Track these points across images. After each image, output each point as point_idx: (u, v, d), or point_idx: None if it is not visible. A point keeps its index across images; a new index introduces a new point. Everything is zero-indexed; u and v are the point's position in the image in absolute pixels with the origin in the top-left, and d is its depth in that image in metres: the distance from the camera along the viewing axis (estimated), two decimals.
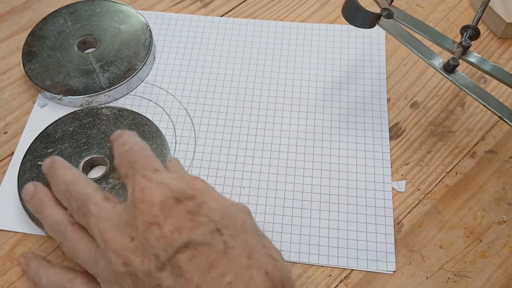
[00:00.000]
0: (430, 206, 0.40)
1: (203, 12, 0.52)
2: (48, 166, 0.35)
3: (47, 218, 0.34)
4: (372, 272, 0.37)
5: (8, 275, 0.37)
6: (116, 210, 0.30)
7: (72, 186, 0.33)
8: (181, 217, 0.28)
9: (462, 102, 0.45)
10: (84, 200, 0.31)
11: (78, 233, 0.32)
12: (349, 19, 0.40)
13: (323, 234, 0.39)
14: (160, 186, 0.30)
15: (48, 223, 0.34)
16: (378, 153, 0.43)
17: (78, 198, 0.32)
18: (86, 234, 0.32)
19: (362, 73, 0.47)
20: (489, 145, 0.43)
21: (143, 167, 0.31)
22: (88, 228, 0.31)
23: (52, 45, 0.47)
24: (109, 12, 0.49)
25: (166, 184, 0.30)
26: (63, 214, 0.33)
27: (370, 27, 0.40)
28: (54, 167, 0.35)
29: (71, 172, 0.34)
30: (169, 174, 0.32)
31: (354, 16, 0.39)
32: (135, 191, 0.30)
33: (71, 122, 0.43)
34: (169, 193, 0.29)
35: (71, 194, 0.32)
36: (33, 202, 0.35)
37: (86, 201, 0.31)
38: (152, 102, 0.46)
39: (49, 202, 0.34)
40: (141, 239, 0.28)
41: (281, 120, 0.45)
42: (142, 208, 0.29)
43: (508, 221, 0.39)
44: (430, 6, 0.52)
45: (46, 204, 0.34)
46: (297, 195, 0.41)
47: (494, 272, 0.37)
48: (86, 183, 0.33)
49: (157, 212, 0.28)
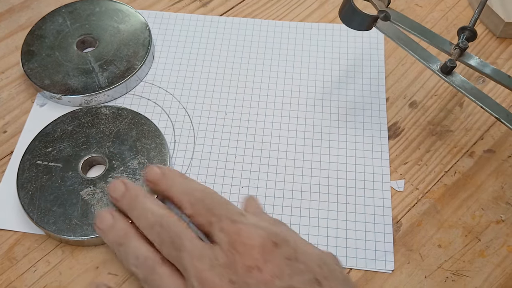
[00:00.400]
0: (429, 206, 0.40)
1: (202, 11, 0.52)
2: (122, 193, 0.33)
3: (132, 252, 0.32)
4: (370, 271, 0.37)
5: (7, 274, 0.37)
6: (213, 251, 0.29)
7: (165, 219, 0.31)
8: (280, 262, 0.28)
9: (461, 102, 0.45)
10: (178, 234, 0.30)
11: (167, 269, 0.31)
12: (346, 21, 0.40)
13: (322, 233, 0.39)
14: (256, 229, 0.29)
15: (134, 256, 0.32)
16: (377, 153, 0.43)
17: (171, 232, 0.30)
18: (175, 270, 0.30)
19: (361, 72, 0.47)
20: (487, 144, 0.43)
21: (227, 212, 0.30)
22: (179, 264, 0.30)
23: (51, 45, 0.47)
24: (108, 12, 0.49)
25: (262, 227, 0.29)
26: (150, 249, 0.32)
27: (367, 30, 0.40)
28: (135, 195, 0.33)
29: (157, 204, 0.33)
30: (255, 216, 0.31)
31: (351, 18, 0.39)
32: (230, 235, 0.29)
33: (70, 121, 0.43)
34: (266, 236, 0.28)
35: (163, 227, 0.31)
36: (114, 233, 0.33)
37: (180, 236, 0.30)
38: (151, 102, 0.46)
39: (133, 234, 0.33)
40: (241, 283, 0.27)
41: (280, 119, 0.45)
42: (242, 251, 0.28)
43: (507, 220, 0.39)
44: (429, 5, 0.52)
45: (132, 236, 0.32)
46: (295, 195, 0.41)
47: (493, 271, 0.37)
48: (177, 218, 0.32)
49: (258, 255, 0.27)
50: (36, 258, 0.38)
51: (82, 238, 0.37)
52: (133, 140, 0.42)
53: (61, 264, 0.38)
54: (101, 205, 0.38)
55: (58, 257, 0.38)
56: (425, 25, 0.50)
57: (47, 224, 0.38)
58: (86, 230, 0.37)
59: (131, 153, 0.41)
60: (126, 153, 0.41)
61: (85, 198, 0.39)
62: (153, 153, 0.41)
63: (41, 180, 0.40)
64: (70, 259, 0.38)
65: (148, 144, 0.42)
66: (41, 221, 0.38)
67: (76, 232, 0.37)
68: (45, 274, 0.37)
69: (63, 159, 0.41)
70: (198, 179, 0.42)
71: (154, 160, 0.41)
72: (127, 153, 0.41)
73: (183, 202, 0.32)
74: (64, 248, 0.38)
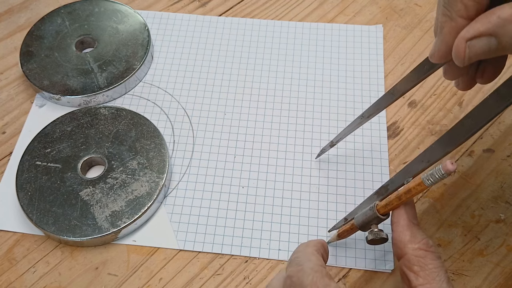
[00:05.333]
0: (428, 205, 0.40)
1: (201, 11, 0.52)
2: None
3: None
4: (370, 271, 0.37)
5: (7, 275, 0.37)
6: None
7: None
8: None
9: (460, 101, 0.45)
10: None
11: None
12: None
13: (322, 233, 0.39)
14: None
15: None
16: (376, 152, 0.43)
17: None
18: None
19: (360, 72, 0.47)
20: (486, 144, 0.43)
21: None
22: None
23: (50, 45, 0.47)
24: (107, 12, 0.49)
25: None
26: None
27: None
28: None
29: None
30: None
31: None
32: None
33: (69, 122, 0.43)
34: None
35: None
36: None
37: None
38: (150, 102, 0.46)
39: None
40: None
41: (279, 119, 0.45)
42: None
43: (506, 220, 0.39)
44: (428, 5, 0.52)
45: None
46: (295, 195, 0.41)
47: (492, 271, 0.37)
48: None
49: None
50: (36, 258, 0.38)
51: (82, 238, 0.37)
52: (132, 140, 0.42)
53: (60, 264, 0.38)
54: (100, 206, 0.38)
55: (57, 258, 0.38)
56: (424, 24, 0.50)
57: (46, 225, 0.38)
58: (86, 231, 0.37)
59: (130, 154, 0.41)
60: (125, 154, 0.41)
61: (84, 198, 0.39)
62: (152, 153, 0.41)
63: (40, 181, 0.40)
64: (70, 259, 0.38)
65: (148, 144, 0.42)
66: (40, 221, 0.38)
67: (75, 233, 0.37)
68: (44, 275, 0.37)
69: (62, 160, 0.41)
70: (198, 179, 0.42)
71: (153, 160, 0.41)
72: (126, 153, 0.41)
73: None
74: (63, 249, 0.38)
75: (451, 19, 0.27)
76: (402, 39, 0.49)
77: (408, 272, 0.30)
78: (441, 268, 0.30)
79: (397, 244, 0.31)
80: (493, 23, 0.25)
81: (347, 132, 0.39)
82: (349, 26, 0.50)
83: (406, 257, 0.30)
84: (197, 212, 0.40)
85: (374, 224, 0.32)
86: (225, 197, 0.41)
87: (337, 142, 0.40)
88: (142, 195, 0.39)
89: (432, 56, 0.30)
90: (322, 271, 0.29)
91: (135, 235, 0.39)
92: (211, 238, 0.39)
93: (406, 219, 0.31)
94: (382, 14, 0.51)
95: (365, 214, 0.33)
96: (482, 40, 0.26)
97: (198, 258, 0.38)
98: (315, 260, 0.30)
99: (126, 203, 0.39)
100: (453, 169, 0.27)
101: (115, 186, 0.39)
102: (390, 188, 0.33)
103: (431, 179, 0.28)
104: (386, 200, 0.31)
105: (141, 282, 0.37)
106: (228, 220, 0.40)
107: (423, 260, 0.30)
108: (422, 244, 0.30)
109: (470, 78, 0.34)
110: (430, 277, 0.29)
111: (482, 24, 0.26)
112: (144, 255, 0.38)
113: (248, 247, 0.38)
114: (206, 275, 0.37)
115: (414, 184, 0.29)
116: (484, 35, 0.26)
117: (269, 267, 0.38)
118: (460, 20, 0.27)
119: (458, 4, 0.27)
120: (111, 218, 0.38)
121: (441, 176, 0.27)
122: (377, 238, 0.32)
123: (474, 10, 0.27)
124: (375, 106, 0.37)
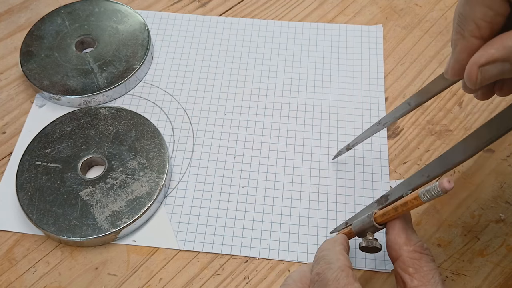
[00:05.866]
0: (428, 205, 0.40)
1: (201, 11, 0.52)
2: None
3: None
4: (370, 271, 0.37)
5: (7, 275, 0.37)
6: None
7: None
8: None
9: (460, 101, 0.45)
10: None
11: None
12: None
13: (321, 233, 0.39)
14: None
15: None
16: (376, 152, 0.43)
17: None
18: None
19: (360, 72, 0.47)
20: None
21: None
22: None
23: (50, 45, 0.47)
24: (107, 12, 0.49)
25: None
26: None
27: None
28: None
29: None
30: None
31: None
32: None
33: (69, 122, 0.43)
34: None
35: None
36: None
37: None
38: (150, 102, 0.46)
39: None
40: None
41: (279, 119, 0.45)
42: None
43: (506, 220, 0.39)
44: (428, 5, 0.52)
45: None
46: (295, 195, 0.41)
47: (492, 271, 0.37)
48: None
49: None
50: (36, 258, 0.38)
51: (82, 238, 0.37)
52: (132, 140, 0.42)
53: (60, 264, 0.38)
54: (100, 206, 0.39)
55: (57, 258, 0.38)
56: (424, 24, 0.50)
57: (46, 225, 0.38)
58: (86, 231, 0.37)
59: (130, 154, 0.41)
60: (125, 154, 0.41)
61: (84, 198, 0.39)
62: (152, 153, 0.41)
63: (40, 181, 0.40)
64: (70, 259, 0.38)
65: (148, 144, 0.42)
66: (40, 221, 0.38)
67: (75, 233, 0.37)
68: (44, 275, 0.37)
69: (62, 160, 0.41)
70: (198, 179, 0.42)
71: (153, 160, 0.41)
72: (126, 153, 0.41)
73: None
74: (63, 249, 0.38)
75: (463, 38, 0.27)
76: (402, 39, 0.49)
77: (403, 274, 0.30)
78: (436, 270, 0.30)
79: (392, 246, 0.31)
80: (508, 49, 0.25)
81: (364, 137, 0.39)
82: (349, 26, 0.50)
83: (401, 259, 0.30)
84: (197, 212, 0.40)
85: (370, 232, 0.33)
86: (225, 197, 0.41)
87: (353, 145, 0.40)
88: (142, 195, 0.39)
89: (446, 73, 0.29)
90: (349, 272, 0.29)
91: (135, 235, 0.39)
92: (211, 238, 0.39)
93: (401, 222, 0.31)
94: (382, 14, 0.51)
95: (363, 221, 0.33)
96: (496, 66, 0.25)
97: (198, 258, 0.38)
98: (344, 260, 0.30)
99: (126, 203, 0.39)
100: (449, 188, 0.27)
101: (115, 186, 0.39)
102: (390, 198, 0.33)
103: (427, 196, 0.28)
104: (384, 210, 0.32)
105: (141, 282, 0.37)
106: (228, 220, 0.40)
107: (418, 262, 0.30)
108: (417, 247, 0.30)
109: (489, 90, 0.33)
110: (425, 279, 0.29)
111: (496, 50, 0.25)
112: (144, 255, 0.38)
113: (248, 247, 0.38)
114: (206, 275, 0.37)
115: (411, 198, 0.29)
116: (499, 61, 0.25)
117: (269, 267, 0.38)
118: (473, 39, 0.26)
119: (471, 24, 0.26)
120: (111, 218, 0.38)
121: (437, 193, 0.27)
122: (370, 246, 0.32)
123: (488, 31, 0.26)
124: (392, 115, 0.37)
